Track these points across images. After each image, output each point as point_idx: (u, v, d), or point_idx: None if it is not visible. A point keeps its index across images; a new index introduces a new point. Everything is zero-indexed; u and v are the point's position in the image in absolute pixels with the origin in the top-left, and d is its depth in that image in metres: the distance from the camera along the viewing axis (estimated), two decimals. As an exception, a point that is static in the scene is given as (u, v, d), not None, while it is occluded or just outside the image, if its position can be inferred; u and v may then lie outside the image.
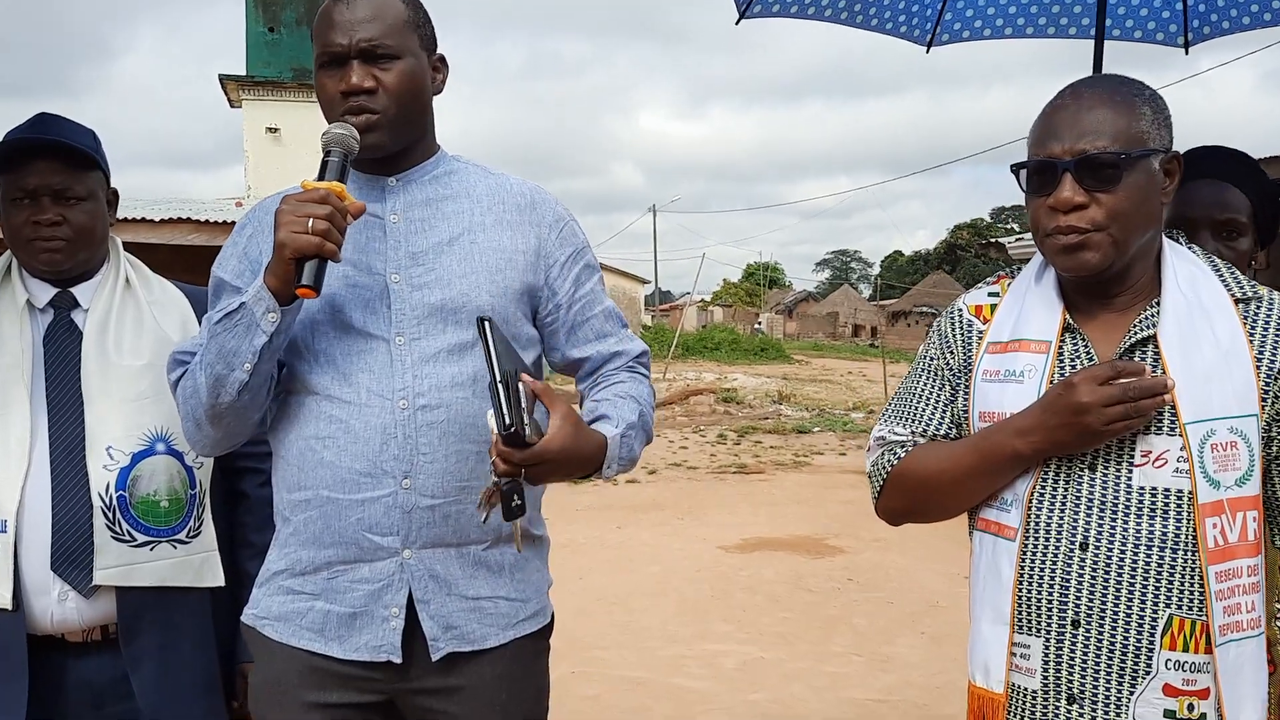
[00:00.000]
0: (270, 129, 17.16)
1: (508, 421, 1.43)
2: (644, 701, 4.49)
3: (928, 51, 3.41)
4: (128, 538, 1.85)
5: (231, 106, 17.86)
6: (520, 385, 1.47)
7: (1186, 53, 3.23)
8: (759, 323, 54.99)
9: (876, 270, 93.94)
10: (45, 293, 1.94)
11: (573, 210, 1.84)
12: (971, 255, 66.43)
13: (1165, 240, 1.56)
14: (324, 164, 1.58)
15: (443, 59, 1.75)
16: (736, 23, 3.27)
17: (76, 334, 1.93)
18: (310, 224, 1.49)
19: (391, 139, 1.65)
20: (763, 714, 4.35)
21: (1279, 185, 2.06)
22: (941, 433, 1.64)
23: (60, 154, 1.89)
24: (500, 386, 1.44)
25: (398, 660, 1.62)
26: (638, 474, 11.18)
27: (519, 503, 1.49)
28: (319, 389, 1.63)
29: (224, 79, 17.17)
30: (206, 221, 10.25)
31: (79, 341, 1.92)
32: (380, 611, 1.63)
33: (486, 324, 1.49)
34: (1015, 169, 1.53)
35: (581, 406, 1.85)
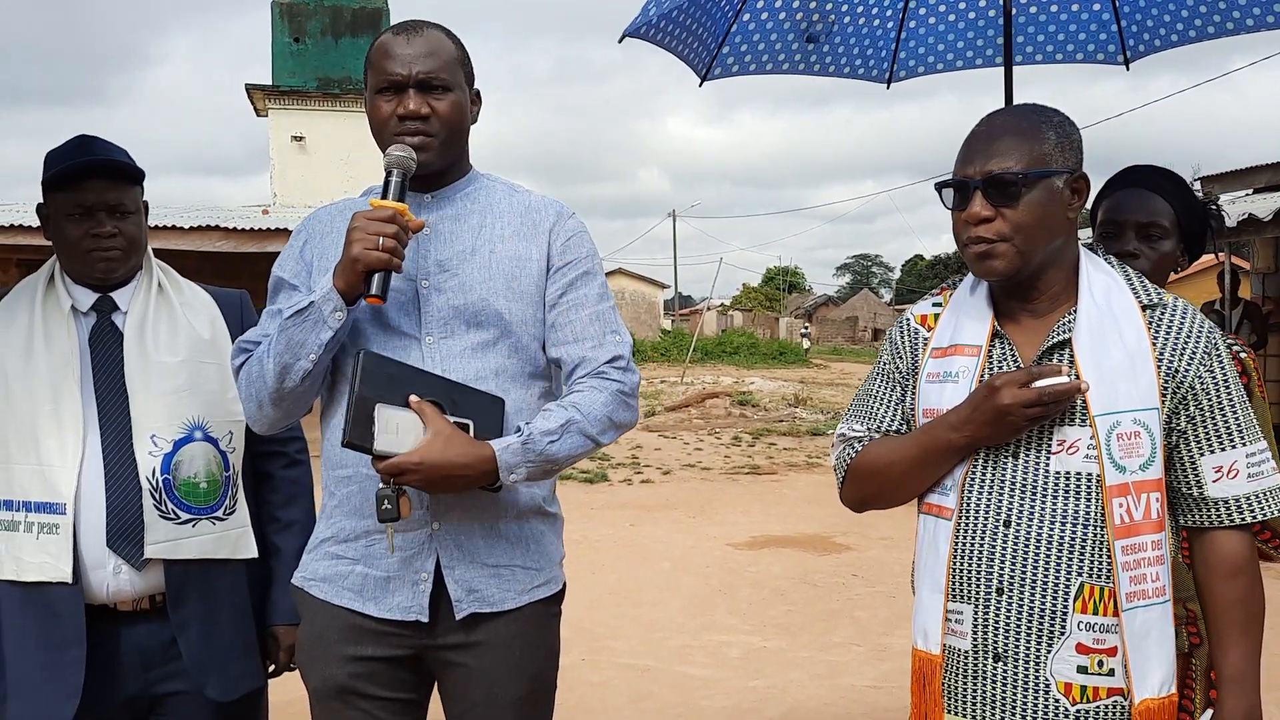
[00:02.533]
0: (295, 137, 17.54)
1: (343, 437, 1.73)
2: (649, 687, 4.70)
3: (888, 88, 3.64)
4: (173, 516, 2.07)
5: (258, 115, 18.26)
6: (380, 408, 1.73)
7: (1128, 69, 3.44)
8: (806, 327, 52.24)
9: (897, 274, 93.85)
10: (87, 298, 2.15)
11: (598, 216, 2.13)
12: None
13: (1084, 252, 1.77)
14: (385, 183, 1.81)
15: (478, 93, 1.98)
16: (699, 85, 3.48)
17: (118, 334, 2.14)
18: (380, 242, 1.72)
19: (439, 159, 1.88)
20: (762, 699, 4.56)
21: (1205, 203, 2.28)
22: (893, 429, 1.85)
23: (111, 172, 2.11)
24: (352, 402, 1.71)
25: (425, 619, 1.85)
26: (652, 474, 11.41)
27: (388, 508, 1.75)
28: None
29: (250, 88, 17.56)
30: (234, 229, 10.53)
31: (120, 341, 2.13)
32: (410, 576, 1.85)
33: (360, 356, 1.74)
34: (939, 187, 1.74)
35: None
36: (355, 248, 1.73)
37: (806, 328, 51.78)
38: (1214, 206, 2.36)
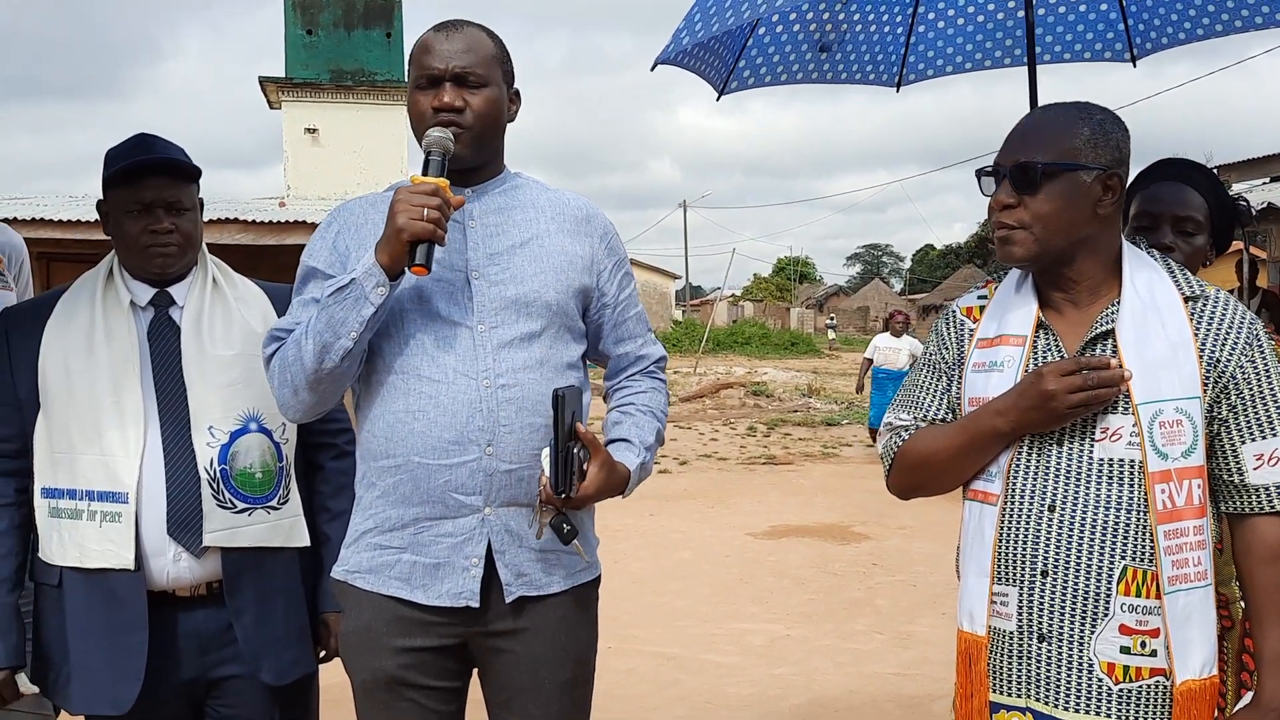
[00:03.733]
0: (309, 129, 17.53)
1: (559, 489, 1.81)
2: (676, 675, 4.76)
3: (897, 91, 3.71)
4: (230, 505, 2.12)
5: (271, 108, 18.26)
6: (575, 450, 1.82)
7: (1134, 66, 3.49)
8: (831, 317, 51.24)
9: (908, 264, 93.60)
10: (145, 293, 2.20)
11: (608, 206, 2.18)
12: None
13: (1126, 245, 1.81)
14: (426, 162, 1.85)
15: (518, 93, 2.03)
16: (716, 99, 3.57)
17: (175, 329, 2.18)
18: (425, 213, 1.76)
19: (473, 151, 1.92)
20: (787, 686, 4.61)
21: (1233, 197, 2.32)
22: (939, 417, 1.89)
23: (168, 170, 2.16)
24: (562, 457, 1.79)
25: (475, 605, 1.89)
26: (669, 464, 11.46)
27: (570, 528, 1.87)
28: (408, 369, 1.89)
29: (263, 81, 17.56)
30: (252, 222, 10.59)
31: (178, 335, 2.17)
32: (461, 562, 1.89)
33: (561, 397, 1.80)
34: (979, 174, 1.79)
35: (607, 401, 2.14)
36: (400, 218, 1.77)
37: (832, 318, 50.73)
38: (1242, 200, 2.39)
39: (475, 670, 2.02)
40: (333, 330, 1.82)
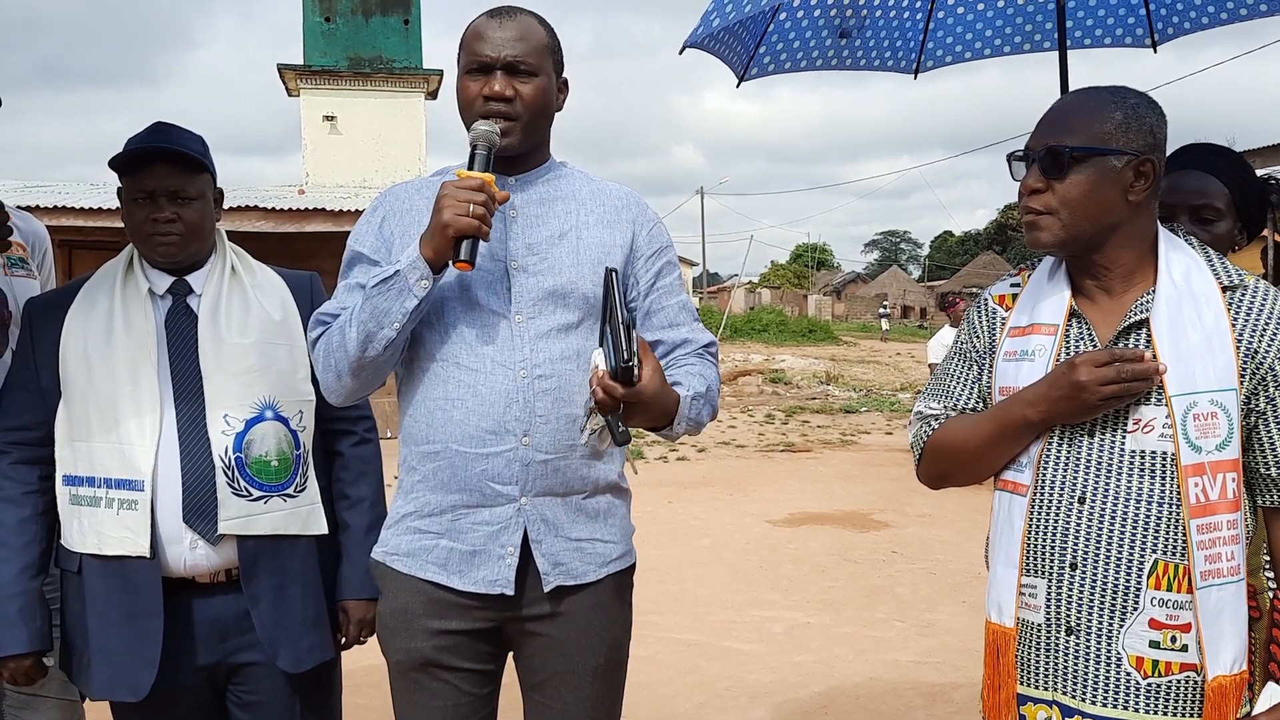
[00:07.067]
0: (327, 117, 17.58)
1: (626, 358, 1.69)
2: (696, 661, 4.76)
3: (915, 78, 3.67)
4: (245, 493, 2.12)
5: (289, 95, 18.30)
6: (634, 329, 1.74)
7: (1155, 51, 3.45)
8: (885, 306, 49.01)
9: (926, 251, 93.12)
10: (164, 281, 2.20)
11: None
12: (1022, 235, 65.52)
13: (1163, 232, 1.77)
14: (472, 156, 1.84)
15: (566, 82, 2.02)
16: (737, 86, 3.55)
17: (192, 317, 2.18)
18: (471, 209, 1.76)
19: (521, 141, 1.92)
20: (808, 674, 4.60)
21: (1264, 179, 2.26)
22: (969, 406, 1.87)
23: (174, 159, 2.15)
24: (623, 328, 1.71)
25: (510, 593, 1.89)
26: (688, 452, 11.45)
27: (623, 428, 1.77)
28: (447, 357, 1.89)
29: (282, 68, 17.61)
30: (272, 209, 10.63)
31: (195, 323, 2.17)
32: (497, 550, 1.89)
33: (613, 274, 1.76)
34: (1009, 158, 1.77)
35: None
36: (446, 214, 1.77)
37: (885, 307, 48.75)
38: (1275, 182, 2.33)
39: (510, 653, 2.03)
40: (376, 321, 1.83)
